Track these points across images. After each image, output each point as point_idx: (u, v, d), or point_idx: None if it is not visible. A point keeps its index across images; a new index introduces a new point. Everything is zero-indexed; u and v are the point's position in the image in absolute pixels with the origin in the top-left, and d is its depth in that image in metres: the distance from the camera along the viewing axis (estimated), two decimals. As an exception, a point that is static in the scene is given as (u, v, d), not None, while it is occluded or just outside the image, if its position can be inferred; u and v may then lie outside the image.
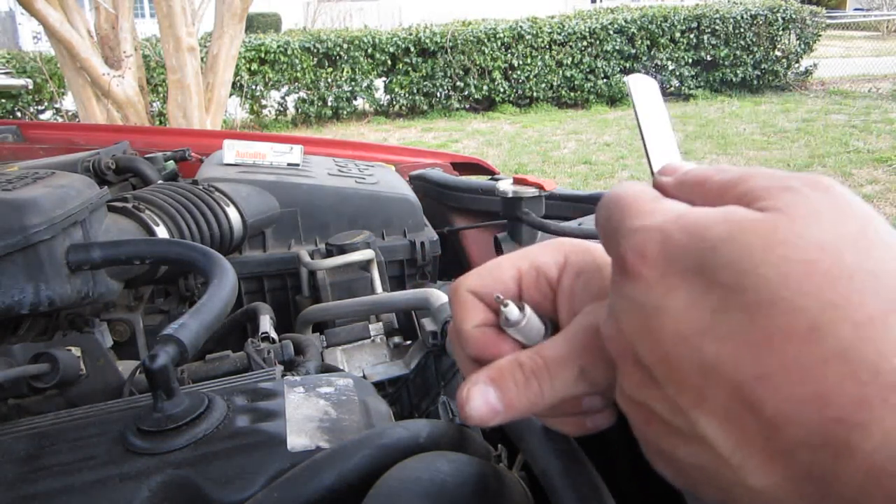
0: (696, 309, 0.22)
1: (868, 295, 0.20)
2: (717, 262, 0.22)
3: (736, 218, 0.22)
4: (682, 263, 0.23)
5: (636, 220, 0.25)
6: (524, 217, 1.18)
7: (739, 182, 0.24)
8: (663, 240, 0.23)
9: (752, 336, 0.21)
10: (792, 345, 0.20)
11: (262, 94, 8.52)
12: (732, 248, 0.21)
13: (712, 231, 0.22)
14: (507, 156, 6.51)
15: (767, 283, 0.20)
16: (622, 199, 0.26)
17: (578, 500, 0.34)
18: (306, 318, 1.01)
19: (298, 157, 1.34)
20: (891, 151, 5.89)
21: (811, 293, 0.20)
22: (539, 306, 0.32)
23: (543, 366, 0.29)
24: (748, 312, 0.21)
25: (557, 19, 9.21)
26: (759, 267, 0.21)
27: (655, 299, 0.23)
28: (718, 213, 0.23)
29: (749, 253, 0.21)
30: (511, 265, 0.33)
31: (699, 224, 0.23)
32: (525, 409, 0.29)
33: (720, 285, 0.22)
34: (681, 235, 0.23)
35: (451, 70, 8.81)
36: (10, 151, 1.60)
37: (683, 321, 0.22)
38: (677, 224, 0.23)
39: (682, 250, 0.23)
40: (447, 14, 10.13)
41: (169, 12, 4.22)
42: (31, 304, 0.69)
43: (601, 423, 0.32)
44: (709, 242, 0.22)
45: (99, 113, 4.57)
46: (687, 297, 0.22)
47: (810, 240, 0.21)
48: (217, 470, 0.45)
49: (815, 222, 0.21)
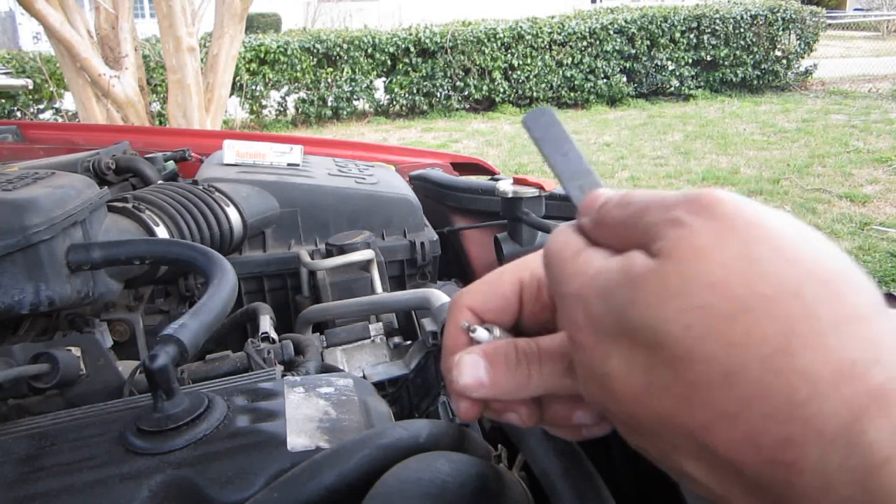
0: (633, 369, 0.22)
1: (766, 324, 0.19)
2: (631, 325, 0.22)
3: (633, 274, 0.22)
4: (605, 329, 0.23)
5: (563, 286, 0.25)
6: (524, 217, 1.18)
7: (638, 219, 0.24)
8: (585, 308, 0.24)
9: (681, 389, 0.21)
10: (714, 393, 0.20)
11: (262, 95, 8.51)
12: (637, 309, 0.22)
13: (618, 293, 0.22)
14: (507, 156, 6.51)
15: (675, 337, 0.20)
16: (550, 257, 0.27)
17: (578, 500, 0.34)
18: (306, 318, 1.01)
19: (298, 157, 1.34)
20: (891, 151, 5.89)
21: (714, 339, 0.20)
22: (538, 316, 0.33)
23: (536, 351, 0.29)
24: (671, 367, 0.21)
25: (557, 19, 9.20)
26: (664, 324, 0.21)
27: (599, 366, 0.23)
28: (620, 269, 0.23)
29: (652, 312, 0.21)
30: (512, 277, 0.33)
31: (607, 286, 0.23)
32: (510, 390, 0.29)
33: (642, 345, 0.22)
34: (596, 302, 0.23)
35: (451, 70, 8.81)
36: (10, 151, 1.60)
37: (627, 382, 0.22)
38: (593, 288, 0.24)
39: (600, 317, 0.23)
40: (447, 14, 10.14)
41: (169, 12, 4.22)
42: (31, 304, 0.69)
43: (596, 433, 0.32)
44: (618, 305, 0.22)
45: (99, 113, 4.57)
46: (620, 360, 0.23)
47: (699, 281, 0.20)
48: (217, 470, 0.45)
49: (700, 258, 0.21)
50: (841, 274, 0.20)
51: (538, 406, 0.31)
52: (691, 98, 9.31)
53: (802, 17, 9.67)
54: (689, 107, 8.81)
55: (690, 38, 9.34)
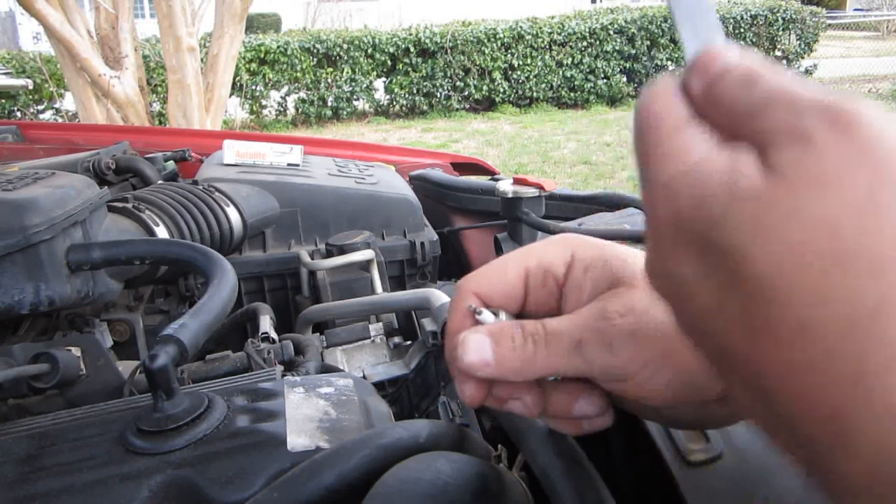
0: (706, 286, 0.21)
1: (863, 284, 0.18)
2: (718, 244, 0.20)
3: (737, 188, 0.20)
4: (689, 235, 0.21)
5: (652, 167, 0.23)
6: (524, 217, 1.18)
7: (758, 111, 0.21)
8: (672, 203, 0.22)
9: (754, 324, 0.19)
10: (784, 341, 0.19)
11: (262, 95, 8.51)
12: (731, 228, 0.20)
13: (714, 202, 0.20)
14: (507, 156, 6.51)
15: (764, 271, 0.19)
16: (645, 121, 0.23)
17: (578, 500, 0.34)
18: (306, 318, 1.00)
19: (298, 157, 1.34)
20: (891, 151, 5.89)
21: (802, 286, 0.18)
22: (543, 304, 0.33)
23: (542, 331, 0.29)
24: (749, 300, 0.19)
25: (557, 19, 9.21)
26: (756, 253, 0.19)
27: (672, 272, 0.22)
28: (724, 172, 0.20)
29: (747, 236, 0.19)
30: (518, 264, 0.33)
31: (704, 189, 0.21)
32: (515, 369, 0.29)
33: (723, 266, 0.20)
34: (686, 202, 0.21)
35: (451, 70, 8.81)
36: (10, 151, 1.60)
37: (697, 297, 0.21)
38: (686, 184, 0.21)
39: (688, 222, 0.21)
40: (447, 14, 10.14)
41: (169, 12, 4.22)
42: (31, 304, 0.69)
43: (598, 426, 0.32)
44: (709, 217, 0.20)
45: (99, 113, 4.57)
46: (696, 273, 0.21)
47: (810, 218, 0.18)
48: (217, 470, 0.45)
49: (820, 191, 0.18)
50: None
51: (542, 394, 0.31)
52: (691, 98, 9.31)
53: (802, 17, 9.67)
54: (689, 107, 8.81)
55: (690, 39, 9.34)
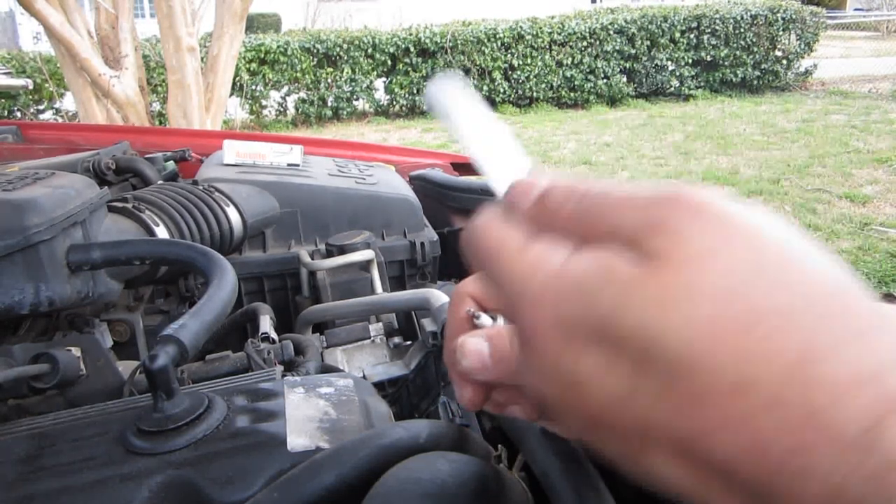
0: (612, 375, 0.21)
1: (781, 337, 0.19)
2: (617, 333, 0.20)
3: (619, 279, 0.21)
4: (581, 332, 0.21)
5: (516, 284, 0.23)
6: (524, 217, 1.18)
7: (602, 215, 0.22)
8: (553, 310, 0.22)
9: (677, 399, 0.20)
10: (719, 403, 0.19)
11: (262, 95, 8.51)
12: (628, 318, 0.20)
13: (601, 296, 0.21)
14: (507, 156, 6.50)
15: (676, 350, 0.19)
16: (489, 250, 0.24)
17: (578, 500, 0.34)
18: (306, 318, 1.01)
19: (298, 158, 1.34)
20: (891, 151, 5.89)
21: (723, 352, 0.19)
22: None
23: None
24: (665, 379, 0.20)
25: (557, 19, 9.21)
26: (661, 336, 0.19)
27: (566, 369, 0.22)
28: (599, 268, 0.21)
29: (647, 322, 0.20)
30: None
31: (584, 288, 0.21)
32: (513, 373, 0.29)
33: (627, 354, 0.20)
34: (569, 304, 0.21)
35: (451, 70, 8.81)
36: (10, 151, 1.60)
37: (603, 387, 0.21)
38: (560, 288, 0.22)
39: (576, 320, 0.21)
40: (447, 14, 10.14)
41: (169, 12, 4.22)
42: (31, 305, 0.69)
43: None
44: (601, 311, 0.21)
45: (99, 113, 4.57)
46: (597, 365, 0.21)
47: (705, 291, 0.19)
48: (217, 470, 0.45)
49: (702, 266, 0.19)
50: (845, 284, 0.20)
51: None
52: (691, 98, 9.31)
53: (802, 17, 9.67)
54: (689, 107, 8.81)
55: (690, 38, 9.34)
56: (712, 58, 9.44)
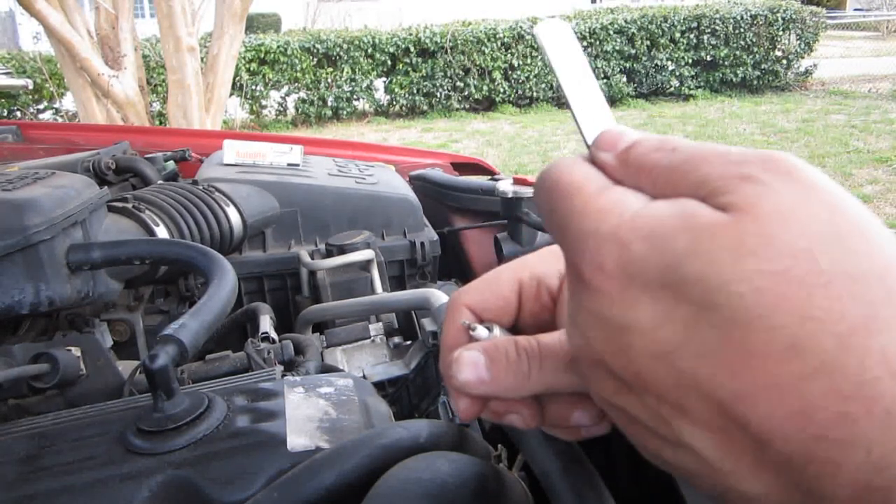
0: (666, 325, 0.21)
1: (848, 302, 0.18)
2: (683, 278, 0.20)
3: (698, 224, 0.20)
4: (645, 277, 0.21)
5: (585, 222, 0.23)
6: (524, 217, 1.18)
7: (691, 168, 0.22)
8: (621, 251, 0.21)
9: (729, 354, 0.19)
10: (771, 363, 0.19)
11: (262, 95, 8.51)
12: (699, 262, 0.20)
13: (675, 242, 0.20)
14: (507, 156, 6.51)
15: (741, 300, 0.19)
16: (564, 189, 0.24)
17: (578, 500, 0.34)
18: (306, 318, 1.01)
19: (298, 157, 1.34)
20: (891, 151, 5.89)
21: (787, 308, 0.19)
22: (538, 316, 0.32)
23: (537, 348, 0.29)
24: (723, 330, 0.19)
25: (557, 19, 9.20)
26: (729, 283, 0.19)
27: (620, 315, 0.21)
28: (677, 214, 0.21)
29: (718, 268, 0.19)
30: (511, 276, 0.33)
31: (659, 232, 0.21)
32: (510, 387, 0.29)
33: (689, 301, 0.20)
34: (640, 246, 0.21)
35: (451, 70, 8.81)
36: (10, 151, 1.60)
37: (653, 338, 0.21)
38: (634, 230, 0.21)
39: (643, 263, 0.21)
40: (447, 14, 10.13)
41: (169, 12, 4.22)
42: (31, 304, 0.69)
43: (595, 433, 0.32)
44: (672, 255, 0.20)
45: (99, 113, 4.57)
46: (654, 313, 0.21)
47: (781, 245, 0.19)
48: (217, 470, 0.45)
49: (784, 222, 0.19)
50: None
51: (539, 407, 0.31)
52: (691, 98, 9.31)
53: (802, 17, 9.67)
54: (689, 107, 8.81)
55: (690, 38, 9.34)
56: (712, 58, 9.44)
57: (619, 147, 0.24)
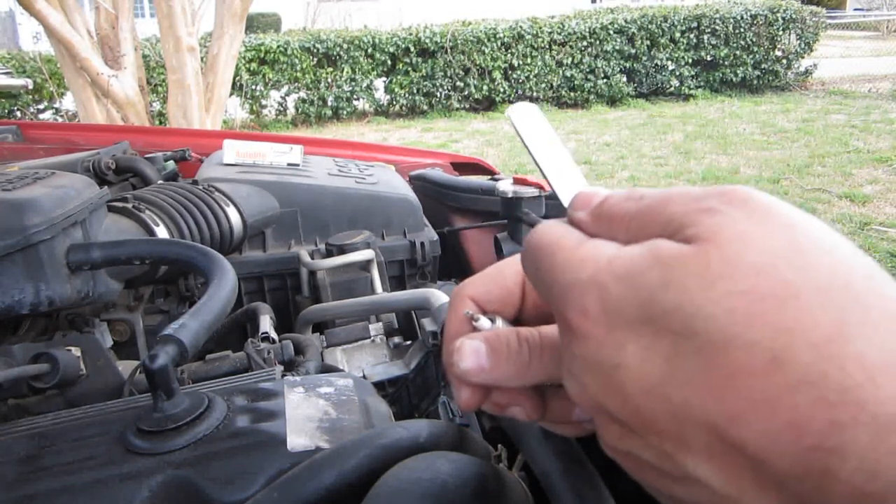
0: (652, 359, 0.21)
1: (818, 312, 0.19)
2: (661, 310, 0.21)
3: (666, 257, 0.22)
4: (626, 316, 0.22)
5: (567, 274, 0.24)
6: (524, 217, 1.18)
7: (657, 210, 0.24)
8: (600, 294, 0.23)
9: (713, 378, 0.20)
10: (754, 380, 0.19)
11: (262, 94, 8.51)
12: (672, 293, 0.21)
13: (647, 278, 0.22)
14: (507, 156, 6.51)
15: (716, 322, 0.20)
16: (546, 248, 0.26)
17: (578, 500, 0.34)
18: (306, 318, 1.01)
19: (298, 157, 1.34)
20: (891, 151, 5.89)
21: (761, 324, 0.19)
22: (540, 309, 0.33)
23: (538, 338, 0.29)
24: (703, 355, 0.20)
25: (557, 19, 9.20)
26: (703, 308, 0.20)
27: (609, 357, 0.23)
28: (646, 252, 0.22)
29: (690, 296, 0.20)
30: (515, 269, 0.33)
31: (632, 271, 0.22)
32: (511, 375, 0.29)
33: (669, 332, 0.21)
34: (617, 287, 0.22)
35: (451, 70, 8.81)
36: (10, 151, 1.60)
37: (643, 374, 0.22)
38: (610, 273, 0.23)
39: (622, 302, 0.22)
40: (447, 14, 10.13)
41: (169, 12, 4.22)
42: (31, 304, 0.69)
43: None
44: (646, 291, 0.22)
45: (99, 113, 4.57)
46: (638, 348, 0.22)
47: (745, 265, 0.20)
48: (217, 470, 0.45)
49: (745, 244, 0.21)
50: (875, 271, 0.20)
51: (541, 401, 0.31)
52: (691, 98, 9.31)
53: (802, 17, 9.67)
54: (689, 107, 8.81)
55: (690, 38, 9.34)
56: (712, 57, 9.44)
57: (592, 204, 0.26)
